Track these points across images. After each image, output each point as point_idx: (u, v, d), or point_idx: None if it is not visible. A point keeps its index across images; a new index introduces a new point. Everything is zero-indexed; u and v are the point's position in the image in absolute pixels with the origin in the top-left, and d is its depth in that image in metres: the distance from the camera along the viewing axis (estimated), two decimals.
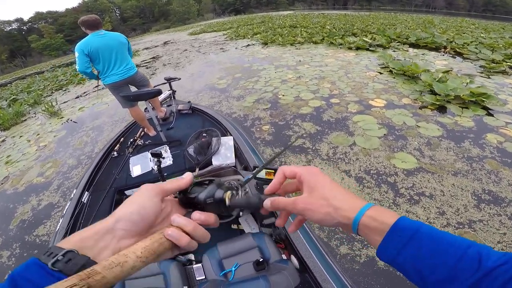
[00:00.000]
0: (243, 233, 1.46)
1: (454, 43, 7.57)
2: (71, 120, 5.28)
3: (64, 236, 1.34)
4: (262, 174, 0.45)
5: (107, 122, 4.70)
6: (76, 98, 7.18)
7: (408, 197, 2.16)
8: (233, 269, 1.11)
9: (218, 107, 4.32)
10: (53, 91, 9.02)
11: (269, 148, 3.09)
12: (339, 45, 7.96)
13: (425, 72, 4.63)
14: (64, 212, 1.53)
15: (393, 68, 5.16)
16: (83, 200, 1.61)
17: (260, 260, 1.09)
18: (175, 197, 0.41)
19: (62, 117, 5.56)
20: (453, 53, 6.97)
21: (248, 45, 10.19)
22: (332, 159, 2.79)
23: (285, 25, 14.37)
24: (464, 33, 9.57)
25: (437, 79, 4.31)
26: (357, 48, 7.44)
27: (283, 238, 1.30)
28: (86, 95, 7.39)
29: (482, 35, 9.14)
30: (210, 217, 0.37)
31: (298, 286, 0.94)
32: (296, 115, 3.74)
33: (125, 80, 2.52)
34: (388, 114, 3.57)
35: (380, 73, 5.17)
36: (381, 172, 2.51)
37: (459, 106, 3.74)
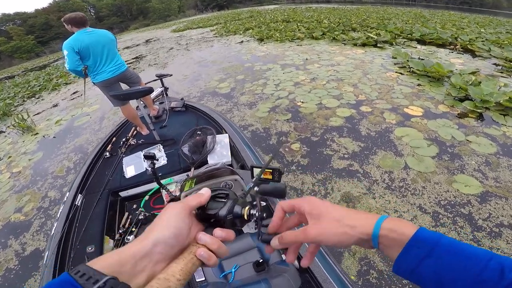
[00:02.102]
0: (242, 233, 1.41)
1: (460, 39, 7.28)
2: (47, 136, 4.35)
3: (60, 241, 1.30)
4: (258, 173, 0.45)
5: (91, 140, 3.86)
6: (52, 107, 6.13)
7: (488, 230, 1.86)
8: (233, 270, 1.10)
9: (228, 117, 3.62)
10: (25, 99, 7.80)
11: (309, 175, 2.47)
12: (342, 41, 7.44)
13: (455, 74, 4.20)
14: (58, 215, 1.49)
15: (414, 68, 4.70)
16: (76, 203, 1.55)
17: (260, 261, 1.08)
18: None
19: (36, 134, 4.59)
20: (461, 50, 6.67)
21: (242, 41, 9.43)
22: (393, 188, 2.27)
23: (277, 19, 13.67)
24: (462, 28, 9.41)
25: (470, 82, 3.88)
26: (364, 45, 6.95)
27: None
28: (64, 100, 6.39)
29: (482, 30, 9.00)
30: (230, 234, 0.38)
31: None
32: (326, 128, 3.14)
33: (116, 77, 2.43)
34: (431, 125, 3.08)
35: (401, 74, 4.69)
36: (451, 203, 2.10)
37: (500, 113, 3.33)
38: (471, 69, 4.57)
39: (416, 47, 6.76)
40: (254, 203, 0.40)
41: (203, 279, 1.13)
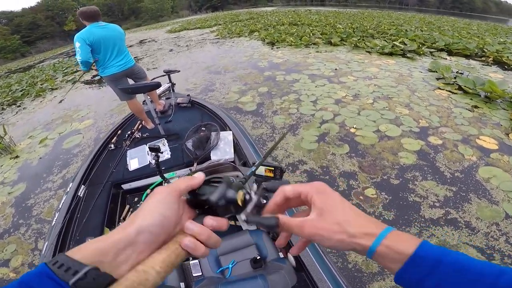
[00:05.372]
0: (240, 230, 1.40)
1: (487, 50, 6.86)
2: (30, 162, 3.48)
3: (60, 232, 1.29)
4: (262, 171, 0.41)
5: None
6: (35, 119, 5.15)
7: None
8: (230, 266, 1.10)
9: (272, 146, 2.90)
10: (4, 107, 6.70)
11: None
12: (366, 49, 6.86)
13: None
14: (60, 206, 1.48)
15: (464, 86, 4.15)
16: (79, 194, 1.55)
17: (257, 258, 1.09)
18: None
19: (17, 157, 3.70)
20: (492, 62, 6.23)
21: (251, 45, 8.71)
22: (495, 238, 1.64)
23: (283, 22, 12.99)
24: (480, 37, 9.06)
25: None
26: (391, 54, 6.40)
27: None
28: (50, 111, 5.45)
29: (501, 40, 8.66)
30: (222, 223, 0.34)
31: (294, 285, 0.94)
32: (399, 167, 2.51)
33: (124, 72, 2.45)
34: None
35: (451, 92, 4.13)
36: None
37: None
38: None
39: (446, 58, 6.26)
40: (256, 190, 0.36)
41: (200, 273, 1.13)
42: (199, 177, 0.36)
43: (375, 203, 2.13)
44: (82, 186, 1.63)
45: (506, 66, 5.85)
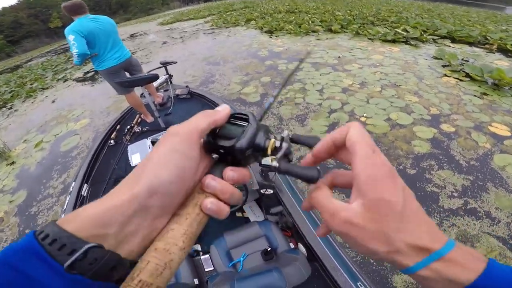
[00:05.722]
0: (248, 222, 1.41)
1: (490, 37, 6.76)
2: (27, 167, 3.27)
3: None
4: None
5: None
6: (28, 122, 4.87)
7: None
8: (242, 259, 1.09)
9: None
10: None
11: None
12: (368, 36, 6.69)
13: None
14: (65, 207, 1.43)
15: (472, 73, 4.06)
16: (82, 193, 1.51)
17: (268, 250, 1.09)
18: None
19: (13, 162, 3.48)
20: (496, 49, 6.14)
21: (249, 34, 8.46)
22: None
23: (280, 10, 12.65)
24: (481, 25, 8.94)
25: None
26: (393, 41, 6.26)
27: (289, 226, 1.28)
28: (43, 112, 5.23)
29: (504, 27, 8.56)
30: (245, 174, 0.27)
31: (309, 276, 0.92)
32: (414, 156, 2.43)
33: (122, 64, 2.38)
34: None
35: (459, 79, 4.04)
36: None
37: None
38: None
39: (450, 46, 6.14)
40: (281, 135, 0.29)
41: (212, 268, 1.12)
42: (224, 110, 0.28)
43: None
44: (85, 185, 1.59)
45: (510, 54, 5.77)
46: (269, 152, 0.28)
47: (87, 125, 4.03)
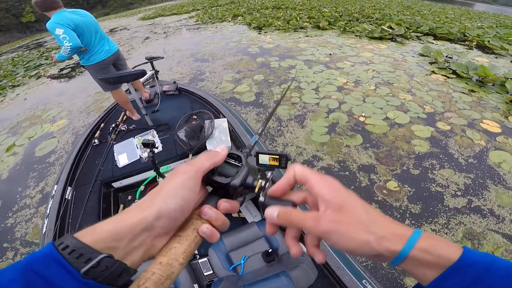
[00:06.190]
0: (245, 222, 1.40)
1: (468, 34, 7.07)
2: None
3: (54, 239, 0.97)
4: (266, 159, 0.36)
5: None
6: None
7: None
8: (242, 262, 1.05)
9: (281, 142, 2.70)
10: None
11: (426, 225, 1.74)
12: (355, 33, 6.75)
13: (509, 81, 3.77)
14: (48, 211, 1.34)
15: (458, 71, 4.20)
16: (66, 196, 1.43)
17: (269, 251, 1.06)
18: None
19: None
20: (475, 46, 6.43)
21: (237, 29, 8.25)
22: None
23: (267, 6, 12.48)
24: (457, 21, 9.34)
25: None
26: (380, 38, 6.36)
27: None
28: (14, 111, 4.76)
29: (479, 24, 8.99)
30: (235, 206, 0.33)
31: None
32: (415, 156, 2.45)
33: (112, 57, 2.26)
34: None
35: (447, 77, 4.16)
36: None
37: None
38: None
39: (433, 43, 6.34)
40: (266, 175, 0.35)
41: (211, 272, 1.09)
42: (223, 152, 0.33)
43: (399, 197, 2.04)
44: (69, 188, 1.50)
45: (487, 50, 6.05)
46: (256, 190, 0.33)
47: (65, 127, 3.71)
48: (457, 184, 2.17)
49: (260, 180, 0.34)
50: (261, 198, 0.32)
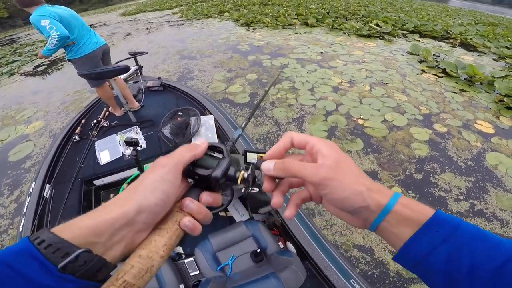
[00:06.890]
0: (232, 221, 1.38)
1: (451, 31, 7.27)
2: None
3: None
4: (254, 158, 0.36)
5: None
6: None
7: None
8: (230, 262, 1.04)
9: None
10: None
11: None
12: (343, 30, 6.72)
13: (497, 80, 3.89)
14: (25, 210, 1.28)
15: (448, 70, 4.26)
16: (45, 194, 1.38)
17: (258, 251, 1.04)
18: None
19: None
20: (459, 44, 6.61)
21: (224, 26, 7.99)
22: None
23: (254, 2, 12.19)
24: (438, 18, 9.60)
25: None
26: (368, 36, 6.37)
27: (277, 225, 1.24)
28: None
29: (460, 21, 9.29)
30: (218, 199, 0.33)
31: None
32: (416, 160, 2.43)
33: (100, 49, 2.17)
34: None
35: (437, 76, 4.22)
36: None
37: None
38: (499, 72, 4.31)
39: (419, 41, 6.45)
40: (248, 165, 0.35)
41: (198, 272, 1.07)
42: (203, 145, 0.33)
43: None
44: (47, 186, 1.44)
45: (470, 48, 6.24)
46: (239, 182, 0.33)
47: (41, 129, 3.39)
48: (459, 188, 2.16)
49: (242, 171, 0.33)
50: (244, 193, 0.31)
